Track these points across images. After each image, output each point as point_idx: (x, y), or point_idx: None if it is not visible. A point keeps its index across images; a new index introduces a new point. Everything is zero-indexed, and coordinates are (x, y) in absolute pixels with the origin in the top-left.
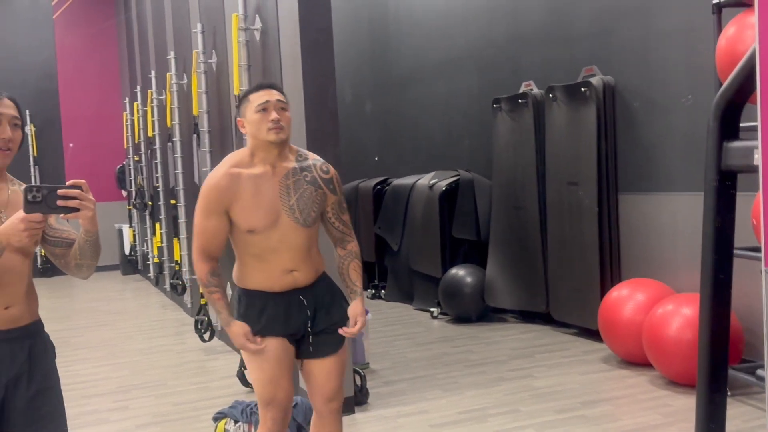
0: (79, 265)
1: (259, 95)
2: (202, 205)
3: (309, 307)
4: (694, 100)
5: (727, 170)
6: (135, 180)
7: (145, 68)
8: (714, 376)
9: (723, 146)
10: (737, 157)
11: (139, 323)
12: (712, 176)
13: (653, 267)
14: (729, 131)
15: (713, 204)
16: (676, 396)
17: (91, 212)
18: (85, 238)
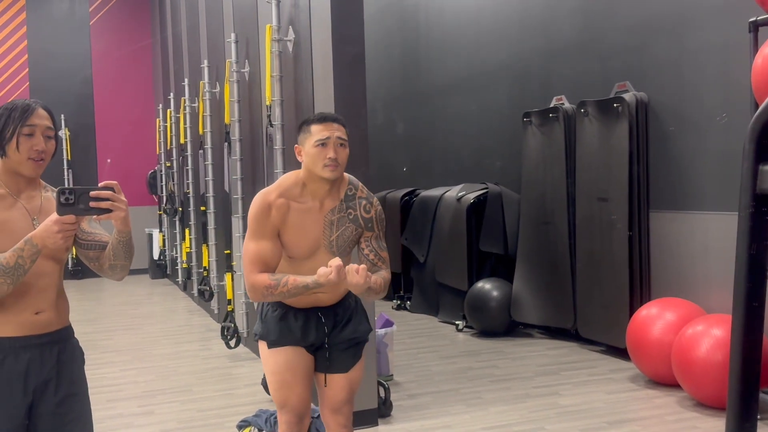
0: (113, 266)
1: (320, 129)
2: (254, 230)
3: (327, 323)
4: (728, 119)
5: (762, 194)
6: (166, 185)
7: (179, 76)
8: (745, 404)
9: (759, 170)
10: None
11: (165, 328)
12: (747, 200)
13: (684, 286)
14: (765, 154)
15: (748, 229)
16: (705, 418)
17: (124, 213)
18: (118, 238)
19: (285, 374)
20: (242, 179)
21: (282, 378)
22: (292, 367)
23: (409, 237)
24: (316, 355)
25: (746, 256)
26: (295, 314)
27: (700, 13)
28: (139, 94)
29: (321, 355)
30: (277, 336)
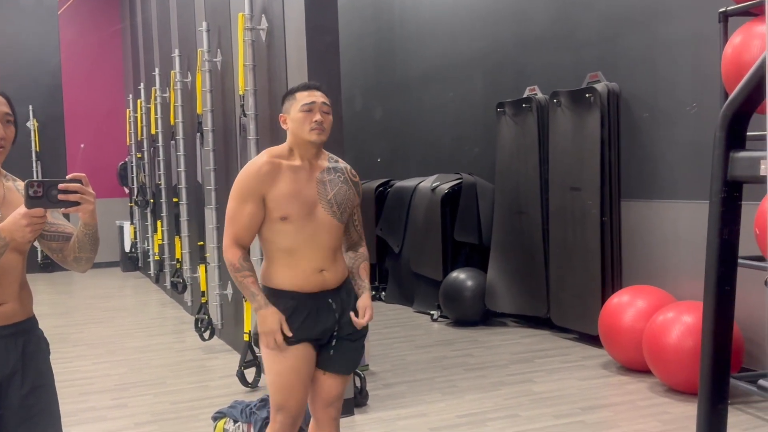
0: (78, 258)
1: (306, 95)
2: (238, 190)
3: (337, 310)
4: (699, 109)
5: (733, 181)
6: (137, 177)
7: (149, 65)
8: (716, 386)
9: (729, 156)
10: (744, 167)
11: (138, 321)
12: (719, 187)
13: (654, 274)
14: (736, 141)
15: (719, 214)
16: (676, 403)
17: (92, 206)
18: (85, 231)
19: (289, 376)
20: (215, 170)
21: (285, 380)
22: (296, 370)
23: (384, 227)
24: (321, 351)
25: (718, 241)
26: (305, 304)
27: (670, 4)
28: (109, 84)
29: (325, 352)
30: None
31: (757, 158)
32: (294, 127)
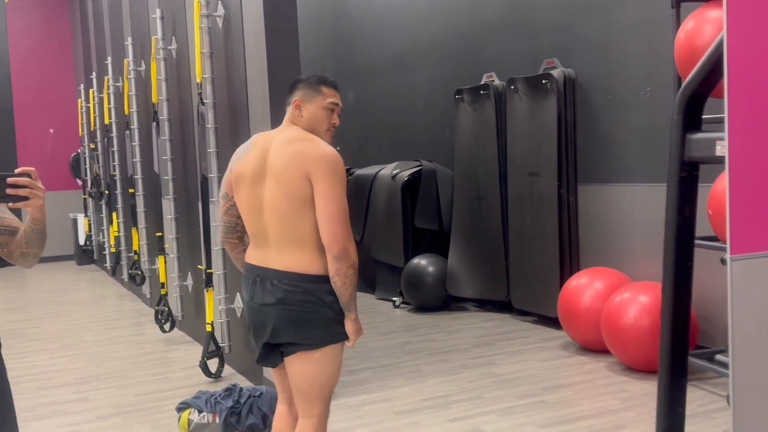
0: (25, 254)
1: (333, 93)
2: (343, 180)
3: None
4: (652, 93)
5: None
6: (90, 168)
7: (101, 54)
8: (676, 361)
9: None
10: (700, 148)
11: (95, 314)
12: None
13: (611, 256)
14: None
15: (676, 194)
16: (633, 381)
17: (41, 201)
18: (33, 226)
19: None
20: (172, 160)
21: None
22: None
23: None
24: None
25: (676, 220)
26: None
27: None
28: (60, 74)
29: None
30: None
31: (713, 139)
32: (311, 120)
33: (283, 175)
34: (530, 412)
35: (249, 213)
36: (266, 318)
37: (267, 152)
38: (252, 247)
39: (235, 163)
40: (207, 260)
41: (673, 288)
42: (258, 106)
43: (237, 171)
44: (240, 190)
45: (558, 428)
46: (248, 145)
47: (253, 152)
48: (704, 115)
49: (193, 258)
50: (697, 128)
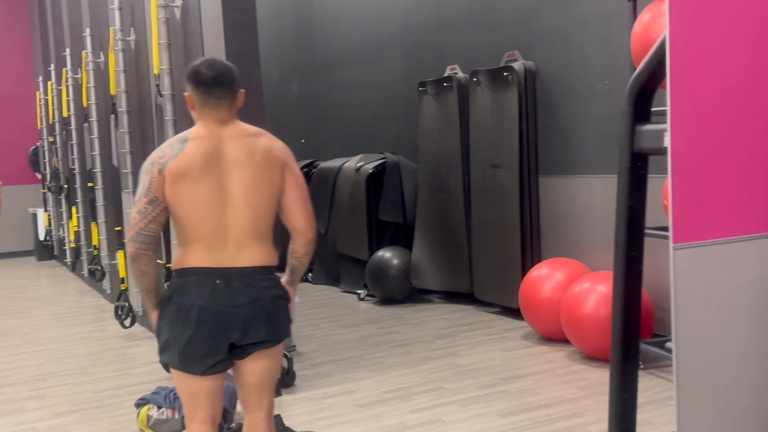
0: None
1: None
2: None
3: None
4: (610, 86)
5: (639, 152)
6: (50, 162)
7: (60, 46)
8: (627, 347)
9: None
10: (649, 139)
11: (55, 310)
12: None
13: (571, 247)
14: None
15: (626, 184)
16: (592, 370)
17: None
18: None
19: None
20: (131, 152)
21: None
22: None
23: None
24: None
25: (625, 209)
26: None
27: None
28: (17, 66)
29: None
30: None
31: (661, 131)
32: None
33: (258, 169)
34: (491, 402)
35: (206, 211)
36: (235, 319)
37: (222, 147)
38: (202, 250)
39: (167, 163)
40: (167, 255)
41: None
42: None
43: (177, 170)
44: (186, 189)
45: (518, 417)
46: (181, 143)
47: (201, 148)
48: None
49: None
50: (647, 120)
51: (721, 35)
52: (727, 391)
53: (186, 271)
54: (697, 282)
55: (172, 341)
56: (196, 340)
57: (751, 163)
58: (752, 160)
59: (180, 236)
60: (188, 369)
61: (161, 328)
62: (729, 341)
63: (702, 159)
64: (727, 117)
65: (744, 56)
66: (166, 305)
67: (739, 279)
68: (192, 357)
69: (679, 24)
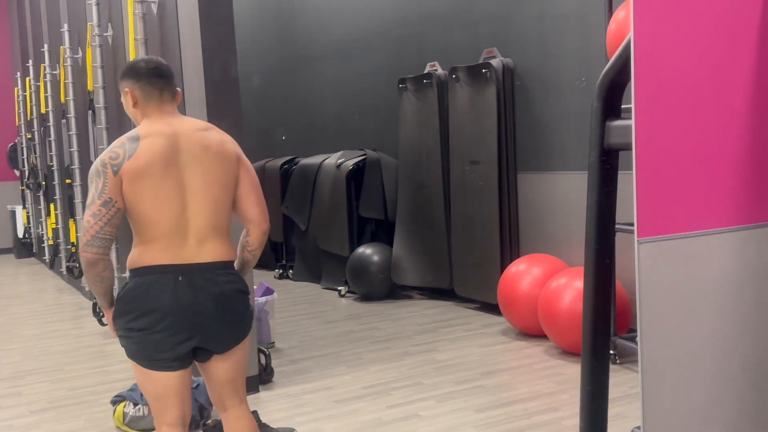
0: None
1: None
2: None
3: None
4: (587, 83)
5: (609, 148)
6: (28, 159)
7: (38, 41)
8: (596, 340)
9: (605, 125)
10: (618, 135)
11: (33, 308)
12: (596, 153)
13: (549, 243)
14: (611, 111)
15: (596, 179)
16: (569, 365)
17: None
18: None
19: None
20: None
21: None
22: None
23: (290, 205)
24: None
25: (595, 203)
26: None
27: None
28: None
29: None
30: None
31: (631, 126)
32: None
33: (215, 162)
34: (468, 397)
35: (168, 209)
36: (200, 316)
37: (176, 142)
38: (161, 247)
39: (123, 163)
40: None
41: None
42: (193, 93)
43: (135, 169)
44: (146, 187)
45: (494, 411)
46: (133, 142)
47: (157, 145)
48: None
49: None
50: (617, 116)
51: (686, 32)
52: (692, 384)
53: (146, 270)
54: (661, 276)
55: (136, 339)
56: (159, 336)
57: (716, 158)
58: (717, 155)
59: (138, 236)
60: (154, 365)
61: (120, 327)
62: (694, 334)
63: (667, 154)
64: (692, 113)
65: (709, 53)
66: (126, 304)
67: (703, 273)
68: (156, 353)
69: (644, 21)
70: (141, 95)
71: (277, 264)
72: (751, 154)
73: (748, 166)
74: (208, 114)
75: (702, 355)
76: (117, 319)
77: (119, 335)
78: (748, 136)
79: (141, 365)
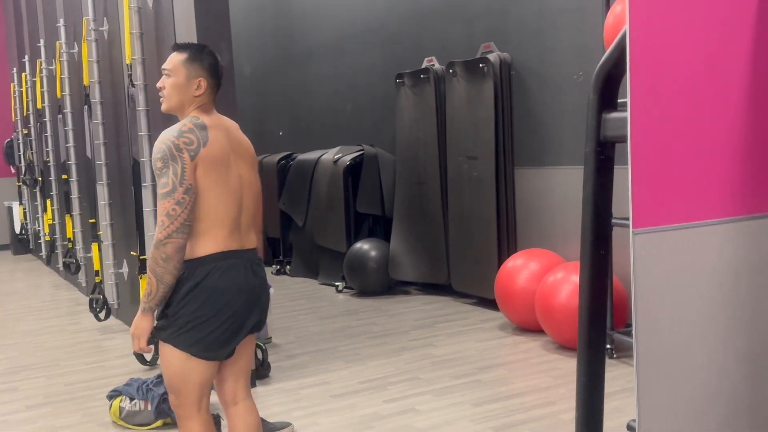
0: None
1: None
2: None
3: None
4: (585, 78)
5: (604, 140)
6: (24, 155)
7: (34, 36)
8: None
9: (601, 117)
10: (614, 127)
11: (29, 304)
12: (592, 146)
13: (546, 237)
14: (607, 103)
15: (592, 170)
16: (566, 359)
17: None
18: None
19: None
20: (105, 144)
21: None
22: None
23: (287, 201)
24: None
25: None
26: None
27: None
28: None
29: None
30: None
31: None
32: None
33: (250, 158)
34: (465, 392)
35: (234, 197)
36: (259, 300)
37: (230, 137)
38: (227, 234)
39: (200, 150)
40: (141, 247)
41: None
42: None
43: (211, 157)
44: (219, 176)
45: (491, 406)
46: (202, 130)
47: (218, 137)
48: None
49: (129, 245)
50: (613, 108)
51: (682, 24)
52: (688, 377)
53: (223, 255)
54: (657, 267)
55: (200, 327)
56: (227, 323)
57: (711, 149)
58: (712, 146)
59: (200, 223)
60: (213, 355)
61: (183, 315)
62: (690, 326)
63: (662, 145)
64: (688, 104)
65: (704, 44)
66: (194, 290)
67: (699, 264)
68: (221, 341)
69: (639, 12)
70: (208, 89)
71: (275, 260)
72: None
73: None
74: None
75: (697, 346)
76: (184, 308)
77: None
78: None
79: (198, 356)
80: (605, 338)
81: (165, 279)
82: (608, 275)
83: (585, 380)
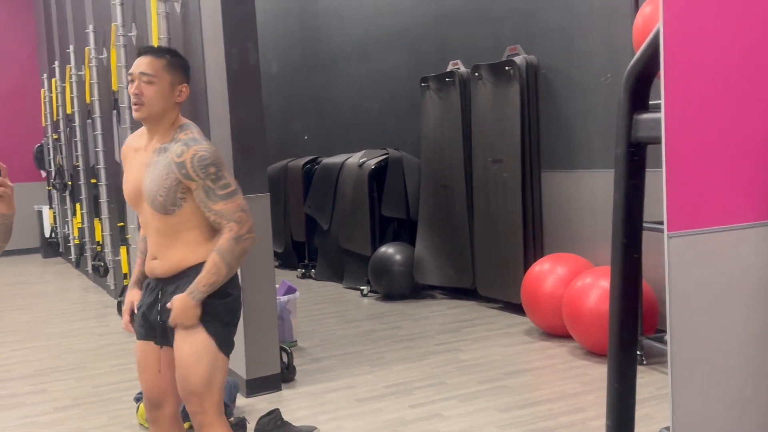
0: None
1: (134, 65)
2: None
3: (160, 301)
4: (613, 79)
5: (636, 141)
6: (54, 159)
7: (64, 42)
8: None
9: (633, 118)
10: (646, 128)
11: (59, 306)
12: (623, 147)
13: (573, 242)
14: (639, 104)
15: (623, 172)
16: (594, 365)
17: (11, 197)
18: (1, 221)
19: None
20: None
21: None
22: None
23: (312, 205)
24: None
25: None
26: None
27: None
28: (22, 64)
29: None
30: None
31: (659, 119)
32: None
33: None
34: (491, 397)
35: None
36: None
37: None
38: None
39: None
40: None
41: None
42: (216, 93)
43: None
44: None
45: (518, 412)
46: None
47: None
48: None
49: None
50: (644, 108)
51: (716, 21)
52: (722, 381)
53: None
54: (691, 271)
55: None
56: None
57: (747, 151)
58: (749, 148)
59: (208, 231)
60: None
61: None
62: (724, 330)
63: (697, 147)
64: (723, 105)
65: (739, 42)
66: (234, 296)
67: (734, 267)
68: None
69: (673, 11)
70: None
71: (300, 263)
72: None
73: None
74: (230, 115)
75: (734, 351)
76: (237, 311)
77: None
78: None
79: (227, 354)
80: (637, 342)
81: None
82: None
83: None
